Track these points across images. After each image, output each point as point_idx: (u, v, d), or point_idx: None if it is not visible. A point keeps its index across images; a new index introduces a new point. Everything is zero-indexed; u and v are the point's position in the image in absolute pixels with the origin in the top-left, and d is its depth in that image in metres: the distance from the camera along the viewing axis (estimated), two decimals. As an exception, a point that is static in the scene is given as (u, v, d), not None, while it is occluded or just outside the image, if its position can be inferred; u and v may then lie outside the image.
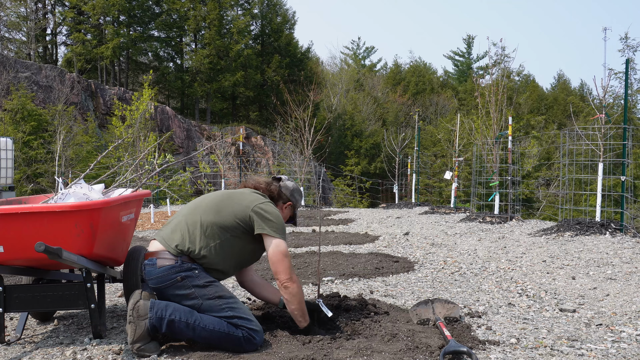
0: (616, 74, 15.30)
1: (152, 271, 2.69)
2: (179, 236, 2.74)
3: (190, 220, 2.77)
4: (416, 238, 7.27)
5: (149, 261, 2.71)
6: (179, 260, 2.68)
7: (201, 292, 2.64)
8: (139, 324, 2.55)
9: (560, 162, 9.20)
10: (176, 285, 2.65)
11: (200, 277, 2.67)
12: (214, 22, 32.27)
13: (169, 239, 2.75)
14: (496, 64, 11.01)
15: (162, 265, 2.67)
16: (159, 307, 2.59)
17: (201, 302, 2.63)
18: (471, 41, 51.25)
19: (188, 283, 2.65)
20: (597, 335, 2.91)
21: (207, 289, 2.66)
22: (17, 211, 2.66)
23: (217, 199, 2.85)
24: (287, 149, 20.28)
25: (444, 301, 3.24)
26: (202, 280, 2.67)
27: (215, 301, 2.64)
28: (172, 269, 2.66)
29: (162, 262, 2.68)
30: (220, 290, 2.68)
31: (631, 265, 4.88)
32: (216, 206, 2.80)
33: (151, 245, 2.80)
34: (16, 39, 30.39)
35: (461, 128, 14.35)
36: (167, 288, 2.66)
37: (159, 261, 2.68)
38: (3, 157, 9.37)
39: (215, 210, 2.78)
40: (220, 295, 2.66)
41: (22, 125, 17.48)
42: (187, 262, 2.69)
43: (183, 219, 2.81)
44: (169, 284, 2.65)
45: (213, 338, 2.59)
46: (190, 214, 2.82)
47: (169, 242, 2.73)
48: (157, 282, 2.67)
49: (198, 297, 2.64)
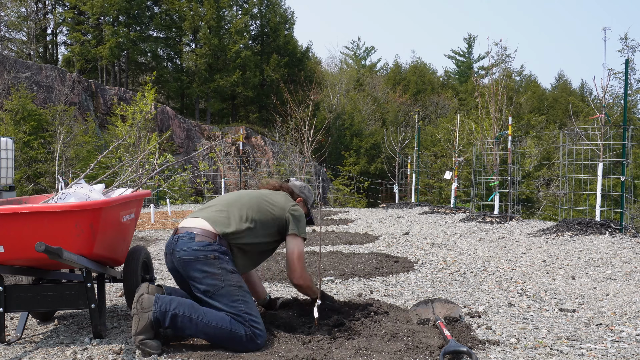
0: (616, 74, 15.29)
1: (188, 244, 2.74)
2: (225, 220, 2.84)
3: (236, 211, 2.89)
4: (416, 238, 7.27)
5: (187, 234, 2.78)
6: (217, 240, 2.76)
7: (227, 276, 2.71)
8: (143, 316, 2.57)
9: (560, 162, 9.20)
10: (207, 262, 2.70)
11: (229, 263, 2.76)
12: (211, 22, 32.26)
13: (215, 219, 2.84)
14: (497, 64, 11.01)
15: (201, 241, 2.74)
16: (163, 301, 2.61)
17: (223, 285, 2.68)
18: (472, 41, 51.20)
19: (218, 264, 2.71)
20: (596, 335, 2.91)
21: (233, 275, 2.73)
22: (18, 211, 2.66)
23: (256, 198, 3.00)
24: (287, 149, 20.28)
25: (444, 301, 3.24)
26: (231, 266, 2.75)
27: (235, 290, 2.70)
28: (209, 245, 2.73)
29: (201, 238, 2.75)
30: (242, 282, 2.77)
31: (631, 265, 4.88)
32: (257, 204, 2.95)
33: (189, 222, 2.87)
34: (16, 39, 30.41)
35: (461, 128, 14.35)
36: (197, 262, 2.70)
37: (197, 236, 2.76)
38: (3, 157, 9.37)
39: (257, 209, 2.93)
40: (241, 285, 2.74)
41: (22, 125, 17.48)
42: (223, 245, 2.78)
43: (229, 206, 2.92)
44: (201, 257, 2.71)
45: (215, 335, 2.60)
46: (233, 205, 2.93)
47: (215, 222, 2.82)
48: (189, 254, 2.72)
49: (223, 279, 2.69)
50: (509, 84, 10.81)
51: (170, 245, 2.82)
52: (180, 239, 2.77)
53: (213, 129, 29.98)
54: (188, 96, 34.52)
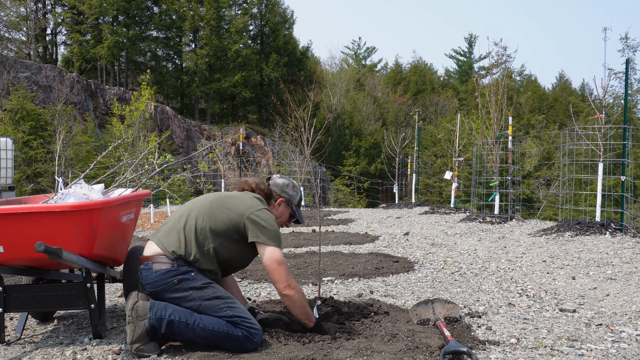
0: (616, 74, 15.31)
1: (149, 276, 2.67)
2: (175, 240, 2.72)
3: (186, 224, 2.75)
4: (416, 238, 7.27)
5: (145, 266, 2.70)
6: (175, 264, 2.66)
7: (198, 293, 2.64)
8: (138, 324, 2.56)
9: (560, 162, 9.20)
10: (173, 289, 2.64)
11: (196, 279, 2.66)
12: (211, 21, 32.24)
13: (165, 242, 2.73)
14: (497, 64, 11.01)
15: (159, 270, 2.66)
16: (158, 307, 2.59)
17: (199, 303, 2.62)
18: (473, 41, 51.20)
19: (185, 285, 2.64)
20: (597, 335, 2.91)
21: (204, 290, 2.65)
22: (17, 211, 2.65)
23: (211, 203, 2.81)
24: (287, 149, 20.28)
25: (444, 301, 3.24)
26: (199, 282, 2.66)
27: (214, 301, 2.64)
28: (168, 272, 2.65)
29: (159, 267, 2.66)
30: (218, 291, 2.68)
31: (631, 265, 4.88)
32: (210, 210, 2.77)
33: (147, 248, 2.79)
34: (16, 38, 30.40)
35: (461, 128, 14.35)
36: (164, 291, 2.65)
37: (155, 265, 2.67)
38: (3, 157, 9.36)
39: (209, 215, 2.76)
40: (218, 295, 2.66)
41: (21, 125, 17.48)
42: (183, 266, 2.67)
43: (178, 222, 2.78)
44: (166, 287, 2.64)
45: (213, 338, 2.59)
46: (185, 217, 2.78)
47: (165, 245, 2.72)
48: (154, 287, 2.66)
49: (195, 298, 2.63)
50: (509, 84, 10.81)
51: (139, 277, 2.79)
52: (142, 272, 2.71)
53: (213, 129, 29.97)
54: (188, 96, 34.51)
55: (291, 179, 3.09)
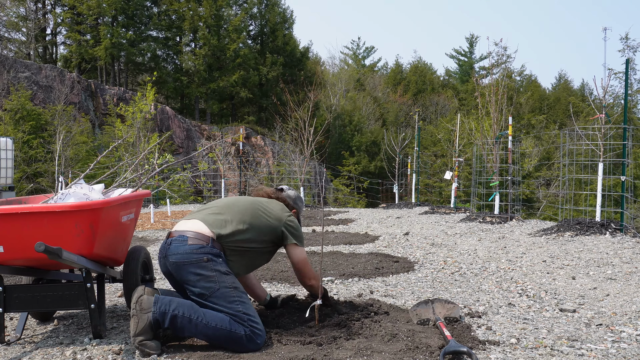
0: (616, 74, 15.27)
1: (181, 247, 2.73)
2: (222, 220, 2.84)
3: (232, 213, 2.89)
4: (416, 238, 7.27)
5: (179, 237, 2.77)
6: (210, 242, 2.75)
7: (221, 277, 2.70)
8: (142, 317, 2.56)
9: (560, 162, 9.20)
10: (200, 265, 2.69)
11: (223, 265, 2.75)
12: (209, 21, 32.22)
13: (211, 220, 2.84)
14: (497, 64, 11.01)
15: (194, 244, 2.73)
16: (162, 302, 2.60)
17: (218, 287, 2.67)
18: (474, 41, 51.18)
19: (212, 266, 2.70)
20: (597, 335, 2.91)
21: (227, 277, 2.72)
22: (17, 211, 2.65)
23: (253, 205, 3.00)
24: (287, 149, 20.28)
25: (444, 301, 3.24)
26: (224, 268, 2.75)
27: (231, 291, 2.69)
28: (202, 248, 2.72)
29: (194, 241, 2.74)
30: (237, 283, 2.76)
31: (631, 265, 4.88)
32: (253, 210, 2.95)
33: (186, 224, 2.86)
34: (16, 39, 30.40)
35: (461, 128, 14.35)
36: (190, 265, 2.69)
37: (190, 239, 2.75)
38: (3, 157, 9.37)
39: (252, 214, 2.93)
40: (236, 286, 2.73)
41: (21, 125, 17.48)
42: (216, 248, 2.77)
43: (225, 210, 2.92)
44: (194, 261, 2.69)
45: (215, 335, 2.60)
46: (230, 208, 2.94)
47: (211, 222, 2.82)
48: (182, 258, 2.71)
49: (217, 281, 2.68)
50: (509, 84, 10.81)
51: (163, 249, 2.81)
52: (173, 242, 2.76)
53: (213, 129, 29.97)
54: (187, 96, 34.51)
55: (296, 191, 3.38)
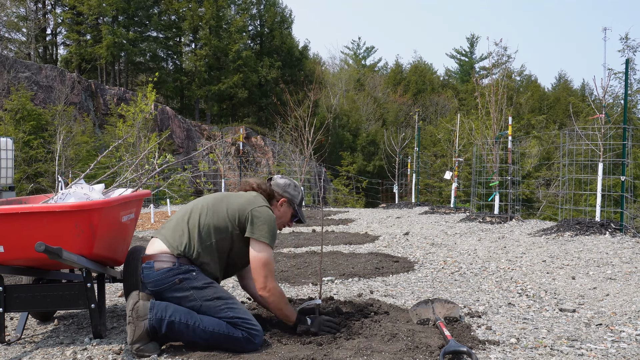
0: (616, 74, 15.28)
1: (150, 274, 2.68)
2: (179, 236, 2.74)
3: (190, 221, 2.78)
4: (416, 238, 7.27)
5: (147, 264, 2.71)
6: (176, 262, 2.67)
7: (199, 293, 2.64)
8: (139, 324, 2.56)
9: (560, 162, 9.20)
10: (174, 288, 2.64)
11: (198, 279, 2.67)
12: (210, 22, 32.22)
13: (170, 237, 2.75)
14: (497, 64, 11.01)
15: (160, 268, 2.66)
16: (158, 308, 2.59)
17: (200, 303, 2.63)
18: (474, 41, 51.20)
19: (186, 285, 2.64)
20: (597, 335, 2.91)
21: (205, 290, 2.65)
22: (17, 211, 2.66)
23: (214, 200, 2.86)
24: (287, 149, 20.28)
25: (444, 301, 3.24)
26: (200, 282, 2.67)
27: (214, 302, 2.64)
28: (170, 271, 2.65)
29: (160, 265, 2.67)
30: (219, 292, 2.68)
31: (631, 265, 4.88)
32: (213, 207, 2.81)
33: (150, 246, 2.79)
34: (16, 39, 30.40)
35: (461, 128, 14.35)
36: (166, 291, 2.65)
37: (156, 264, 2.67)
38: (3, 157, 9.37)
39: (212, 211, 2.79)
40: (219, 296, 2.66)
41: (22, 125, 17.48)
42: (185, 264, 2.68)
43: (183, 219, 2.81)
44: (167, 286, 2.64)
45: (213, 339, 2.59)
46: (189, 215, 2.81)
47: (170, 240, 2.73)
48: (156, 285, 2.67)
49: (196, 298, 2.63)
50: (509, 84, 10.81)
51: (140, 276, 2.80)
52: (144, 270, 2.71)
53: (213, 129, 29.97)
54: (187, 96, 34.50)
55: (292, 179, 3.11)
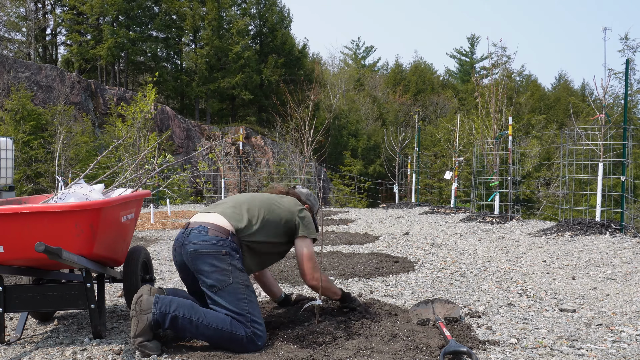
0: (616, 74, 15.30)
1: (200, 237, 2.73)
2: (239, 217, 2.85)
3: (250, 210, 2.90)
4: (416, 238, 7.27)
5: (200, 227, 2.77)
6: (230, 236, 2.76)
7: (236, 273, 2.71)
8: (142, 318, 2.56)
9: (560, 162, 9.20)
10: (218, 257, 2.69)
11: (239, 261, 2.76)
12: (212, 22, 32.24)
13: (229, 214, 2.85)
14: (497, 64, 11.01)
15: (214, 234, 2.74)
16: (163, 302, 2.59)
17: (231, 281, 2.68)
18: (475, 41, 51.23)
19: (229, 260, 2.71)
20: (597, 335, 2.91)
21: (242, 273, 2.74)
22: (17, 211, 2.65)
23: (268, 200, 3.03)
24: (287, 149, 20.28)
25: (444, 301, 3.24)
26: (240, 264, 2.76)
27: (242, 288, 2.70)
28: (222, 241, 2.73)
29: (214, 232, 2.74)
30: (249, 282, 2.78)
31: (631, 265, 4.88)
32: (269, 205, 2.98)
33: (203, 217, 2.86)
34: (16, 39, 30.40)
35: (461, 128, 14.35)
36: (208, 255, 2.69)
37: (210, 230, 2.75)
38: (3, 157, 9.36)
39: (268, 209, 2.95)
40: (248, 285, 2.75)
41: (22, 125, 17.48)
42: (235, 242, 2.78)
43: (241, 206, 2.93)
44: (212, 252, 2.70)
45: (215, 337, 2.59)
46: (246, 203, 2.95)
47: (230, 218, 2.83)
48: (201, 248, 2.71)
49: (231, 276, 2.69)
50: (508, 84, 10.81)
51: (180, 238, 2.81)
52: (193, 232, 2.77)
53: (213, 129, 29.97)
54: (188, 96, 34.51)
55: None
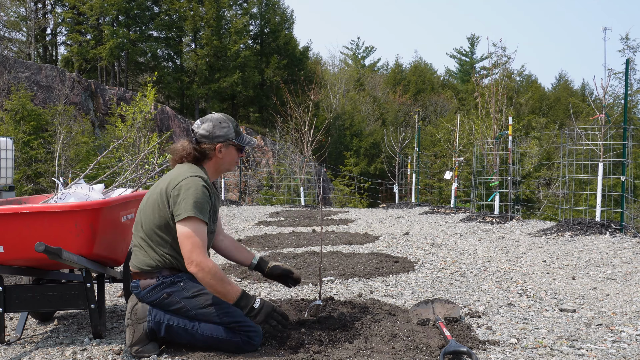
0: (616, 74, 15.28)
1: (139, 293, 2.63)
2: (142, 254, 2.64)
3: (138, 234, 2.66)
4: (416, 238, 7.27)
5: (134, 283, 2.64)
6: (159, 276, 2.59)
7: (191, 303, 2.57)
8: (137, 326, 2.55)
9: (560, 162, 9.20)
10: (164, 302, 2.59)
11: (186, 288, 2.59)
12: (211, 22, 32.25)
13: (138, 262, 2.64)
14: (496, 65, 11.01)
15: (146, 286, 2.60)
16: (157, 311, 2.59)
17: (194, 312, 2.57)
18: (475, 41, 51.28)
19: (176, 298, 2.58)
20: (597, 335, 2.91)
21: (197, 299, 2.58)
22: (17, 211, 2.65)
23: (151, 194, 2.64)
24: (287, 149, 20.28)
25: (444, 301, 3.24)
26: (190, 290, 2.59)
27: (208, 309, 2.57)
28: (156, 287, 2.59)
29: (145, 283, 2.60)
30: (211, 298, 2.58)
31: (631, 265, 4.88)
32: (143, 209, 2.66)
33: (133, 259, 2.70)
34: (16, 39, 30.42)
35: (461, 128, 14.35)
36: (158, 305, 2.61)
37: (141, 282, 2.61)
38: (3, 157, 9.36)
39: (144, 214, 2.64)
40: (211, 303, 2.58)
41: (22, 125, 17.48)
42: (169, 276, 2.60)
43: (135, 236, 2.69)
44: (157, 302, 2.59)
45: (212, 344, 2.58)
46: (136, 228, 2.69)
47: (139, 265, 2.63)
48: (148, 301, 2.62)
49: (190, 309, 2.57)
50: (508, 84, 10.81)
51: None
52: (133, 289, 2.66)
53: (213, 129, 29.92)
54: (188, 96, 34.52)
55: (219, 114, 2.77)
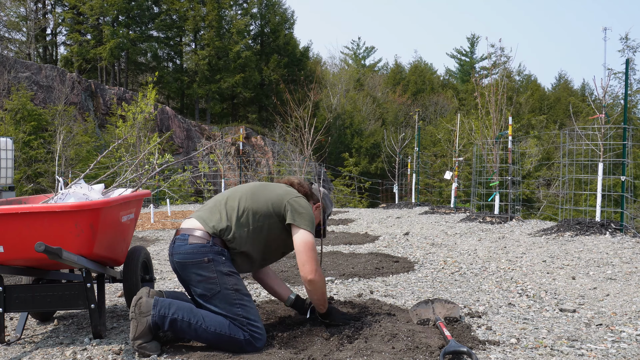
0: (616, 74, 15.30)
1: (182, 246, 2.68)
2: (217, 217, 2.75)
3: (229, 204, 2.79)
4: (416, 238, 7.27)
5: (181, 236, 2.72)
6: (210, 241, 2.68)
7: (222, 279, 2.64)
8: (141, 320, 2.56)
9: (560, 162, 9.20)
10: (201, 266, 2.64)
11: (225, 264, 2.67)
12: (212, 22, 32.26)
13: (207, 218, 2.76)
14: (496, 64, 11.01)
15: (194, 242, 2.67)
16: (162, 305, 2.58)
17: (219, 289, 2.62)
18: (475, 40, 51.27)
19: (213, 267, 2.64)
20: (597, 335, 2.91)
21: (229, 278, 2.65)
22: (17, 211, 2.65)
23: (252, 188, 2.89)
24: (287, 149, 20.28)
25: (444, 301, 3.24)
26: (226, 268, 2.66)
27: (232, 293, 2.63)
28: (203, 247, 2.65)
29: (194, 240, 2.67)
30: (239, 284, 2.68)
31: (631, 265, 4.88)
32: (252, 194, 2.83)
33: (185, 223, 2.81)
34: (16, 39, 30.42)
35: (461, 128, 14.35)
36: (192, 266, 2.65)
37: (191, 238, 2.69)
38: (3, 157, 9.36)
39: (251, 198, 2.81)
40: (238, 288, 2.66)
41: (22, 125, 17.49)
42: (218, 245, 2.69)
43: (221, 202, 2.83)
44: (195, 261, 2.64)
45: (214, 340, 2.59)
46: (228, 199, 2.84)
47: (207, 220, 2.74)
48: (184, 258, 2.66)
49: (218, 283, 2.63)
50: (508, 84, 10.81)
51: (170, 247, 2.80)
52: (177, 241, 2.73)
53: (213, 129, 29.97)
54: (188, 96, 34.52)
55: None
